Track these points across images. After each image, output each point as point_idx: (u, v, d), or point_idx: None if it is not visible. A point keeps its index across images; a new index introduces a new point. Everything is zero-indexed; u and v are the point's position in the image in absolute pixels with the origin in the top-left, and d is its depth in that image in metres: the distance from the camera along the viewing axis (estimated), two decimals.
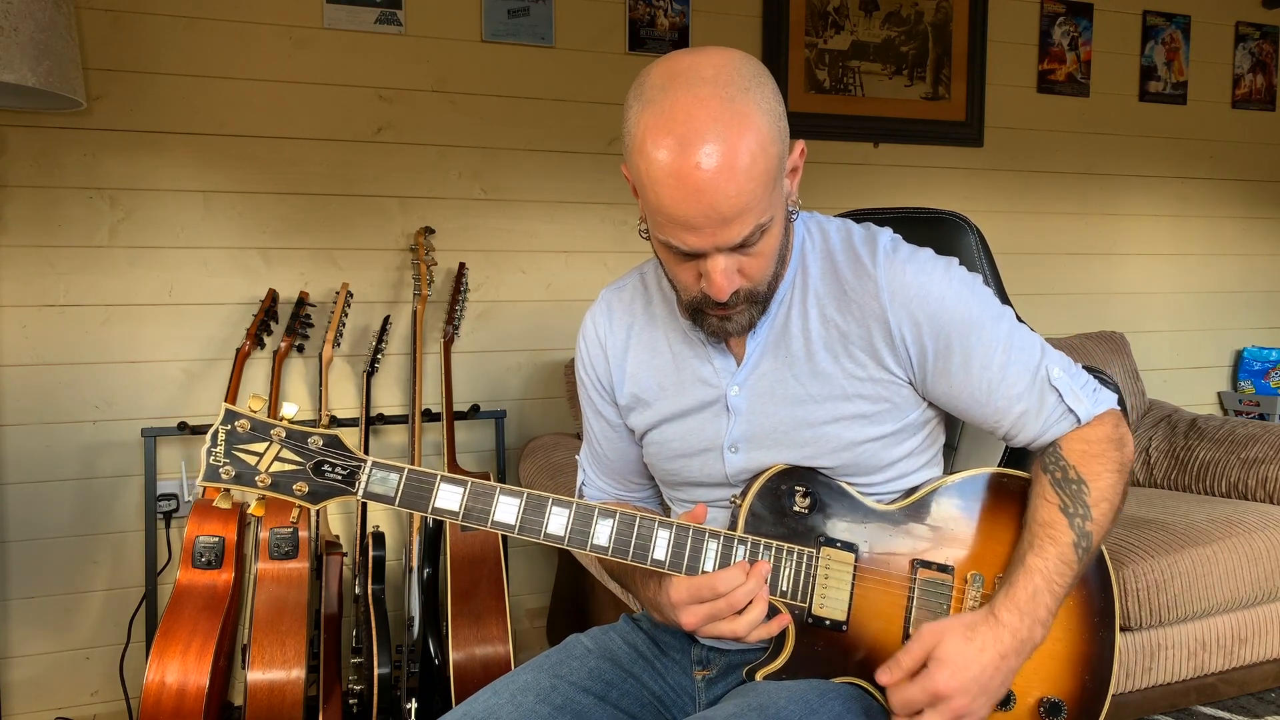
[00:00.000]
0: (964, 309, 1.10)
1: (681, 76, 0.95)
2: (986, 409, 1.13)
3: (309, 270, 2.49)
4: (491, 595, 2.18)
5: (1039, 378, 1.12)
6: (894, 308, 1.09)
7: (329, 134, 2.49)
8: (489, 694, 1.13)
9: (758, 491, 1.12)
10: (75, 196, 2.30)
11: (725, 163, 0.93)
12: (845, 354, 1.12)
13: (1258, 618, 2.35)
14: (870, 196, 3.04)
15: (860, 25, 3.01)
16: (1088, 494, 1.10)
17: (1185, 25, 3.46)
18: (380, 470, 1.05)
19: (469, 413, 2.60)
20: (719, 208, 0.95)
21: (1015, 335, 1.13)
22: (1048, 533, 1.08)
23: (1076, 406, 1.13)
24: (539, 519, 1.07)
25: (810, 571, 1.10)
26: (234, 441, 1.04)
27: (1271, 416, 3.43)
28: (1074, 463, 1.12)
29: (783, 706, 1.02)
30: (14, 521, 2.29)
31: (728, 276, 1.01)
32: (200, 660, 1.93)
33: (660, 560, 1.07)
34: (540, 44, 2.66)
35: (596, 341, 1.27)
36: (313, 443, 1.05)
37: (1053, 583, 1.06)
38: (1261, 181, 3.63)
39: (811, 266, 1.14)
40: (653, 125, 0.95)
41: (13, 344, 2.28)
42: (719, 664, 1.21)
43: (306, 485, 1.05)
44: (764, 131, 0.95)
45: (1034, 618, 1.05)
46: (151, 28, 2.33)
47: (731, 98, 0.94)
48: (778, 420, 1.14)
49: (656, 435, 1.23)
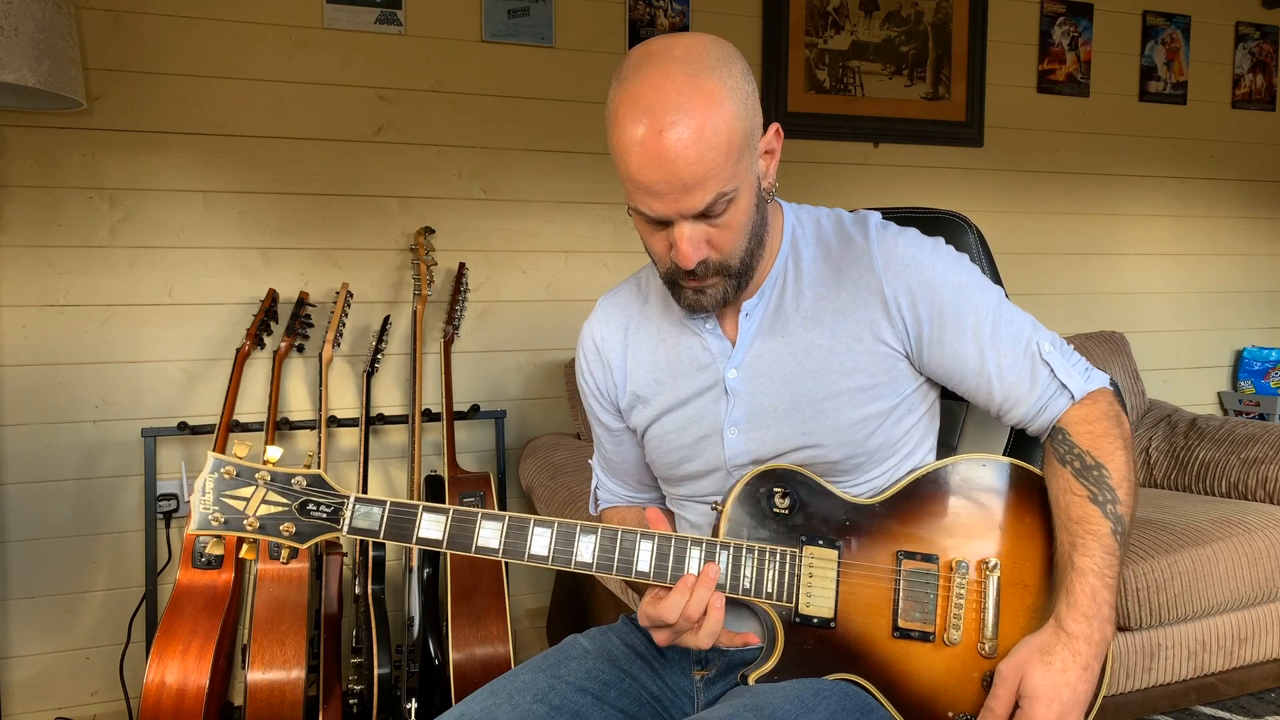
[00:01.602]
0: (955, 278, 1.14)
1: (654, 57, 1.02)
2: (980, 379, 1.15)
3: (309, 270, 2.50)
4: (491, 595, 2.18)
5: (1030, 351, 1.15)
6: (889, 278, 1.13)
7: (329, 134, 2.49)
8: (486, 694, 1.13)
9: (737, 496, 1.13)
10: (75, 196, 2.30)
11: (687, 131, 0.98)
12: (842, 328, 1.14)
13: (1258, 618, 2.35)
14: (870, 196, 3.05)
15: (860, 25, 3.01)
16: (1110, 477, 1.11)
17: (1185, 25, 3.46)
18: (363, 505, 1.09)
19: (469, 413, 2.60)
20: (680, 174, 1.00)
21: (1004, 308, 1.16)
22: (1086, 528, 1.09)
23: (1069, 381, 1.14)
24: (522, 542, 1.08)
25: (794, 571, 1.11)
26: (221, 488, 1.09)
27: (1271, 416, 3.43)
28: (1087, 448, 1.13)
29: (779, 706, 1.03)
30: (14, 521, 2.29)
31: (693, 245, 1.05)
32: (200, 660, 1.93)
33: (645, 572, 1.09)
34: (540, 44, 2.66)
35: (594, 349, 1.29)
36: (296, 483, 1.09)
37: (1105, 577, 1.08)
38: (1261, 181, 3.63)
39: (804, 250, 1.18)
40: (625, 99, 1.01)
41: (13, 344, 2.28)
42: (718, 664, 1.22)
43: (293, 525, 1.09)
44: (727, 106, 1.01)
45: (1100, 618, 1.06)
46: (151, 28, 2.33)
47: (698, 73, 1.00)
48: (778, 398, 1.15)
49: (656, 429, 1.24)
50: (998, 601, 1.13)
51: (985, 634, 1.12)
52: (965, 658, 1.13)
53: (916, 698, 1.12)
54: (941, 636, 1.12)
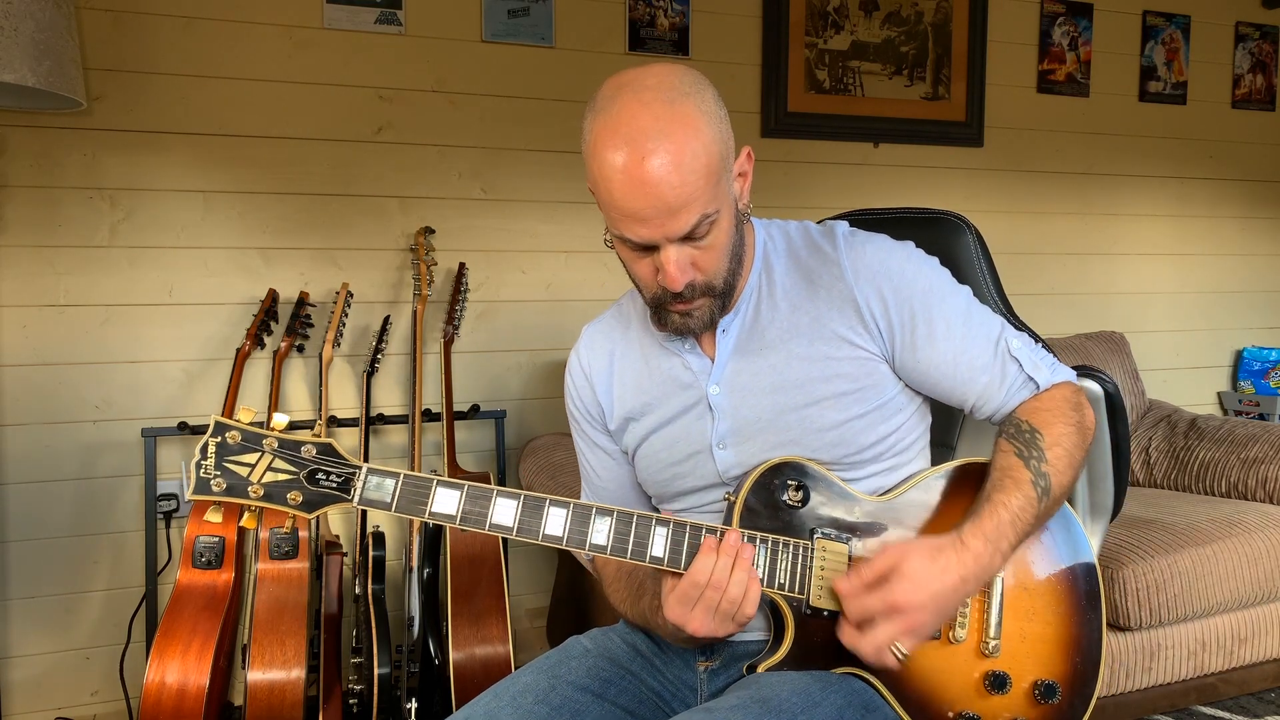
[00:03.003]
0: (924, 281, 1.17)
1: (627, 86, 1.05)
2: (954, 380, 1.18)
3: (309, 270, 2.50)
4: (491, 595, 2.18)
5: (1000, 349, 1.18)
6: (860, 285, 1.16)
7: (329, 134, 2.49)
8: (490, 697, 1.14)
9: (751, 486, 1.13)
10: (75, 196, 2.30)
11: (669, 157, 1.01)
12: (819, 337, 1.16)
13: (1258, 618, 2.35)
14: (870, 197, 3.04)
15: (860, 25, 3.01)
16: (1041, 440, 1.14)
17: (1185, 25, 3.46)
18: (376, 476, 1.06)
19: (469, 413, 2.60)
20: (665, 198, 1.02)
21: (974, 308, 1.20)
22: (1009, 475, 1.12)
23: (1036, 374, 1.19)
24: (537, 520, 1.07)
25: (806, 563, 1.12)
26: (224, 453, 1.04)
27: (1271, 416, 3.43)
28: (1026, 418, 1.17)
29: (785, 699, 1.03)
30: (14, 521, 2.29)
31: (680, 267, 1.07)
32: (200, 660, 1.93)
33: (659, 557, 1.08)
34: (540, 44, 2.66)
35: (582, 374, 1.31)
36: (306, 451, 1.06)
37: (1017, 518, 1.10)
38: (1261, 181, 3.63)
39: (775, 264, 1.21)
40: (603, 130, 1.04)
41: (13, 344, 2.28)
42: (722, 654, 1.22)
43: (300, 494, 1.05)
44: (704, 131, 1.03)
45: (996, 547, 1.08)
46: (151, 28, 2.33)
47: (673, 100, 1.03)
48: (760, 410, 1.17)
49: (646, 448, 1.25)
50: (1002, 602, 1.14)
51: (989, 634, 1.13)
52: (968, 656, 1.14)
53: (919, 694, 1.12)
54: (948, 634, 1.13)
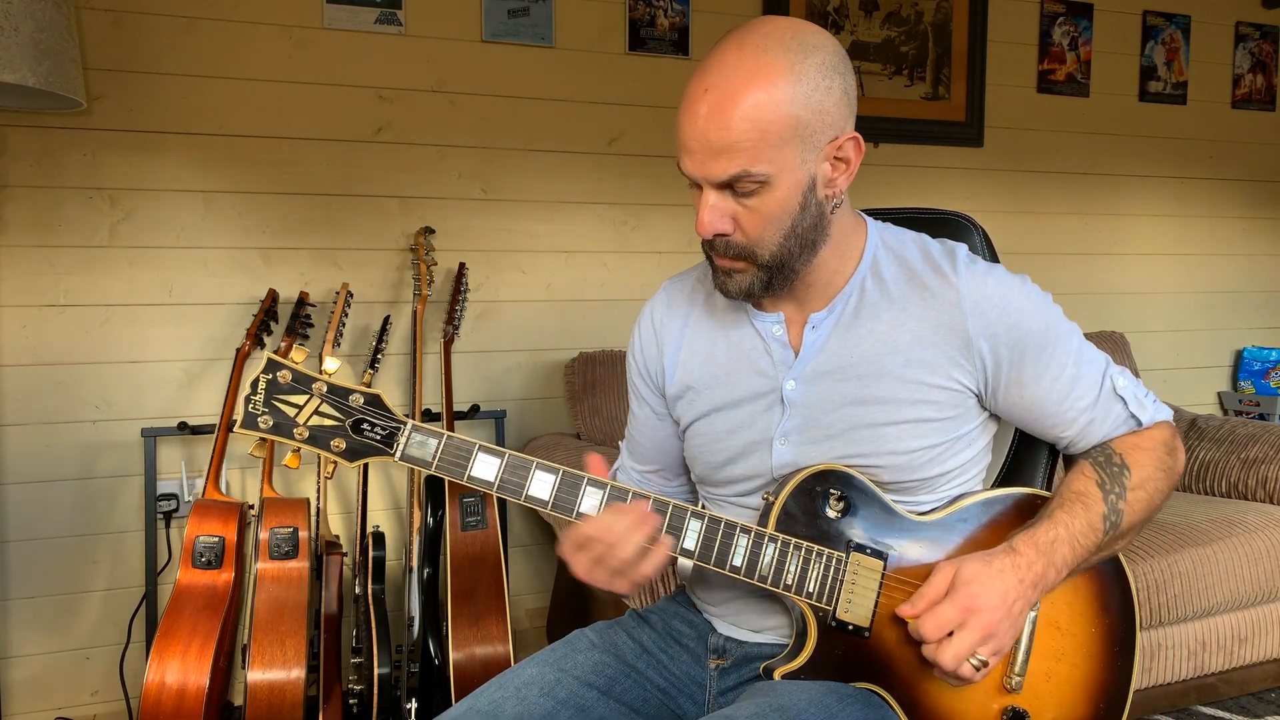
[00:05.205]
0: (1041, 321, 1.13)
1: (743, 29, 1.04)
2: (1055, 418, 1.15)
3: (309, 270, 2.49)
4: (491, 595, 2.17)
5: (1105, 388, 1.15)
6: (974, 318, 1.10)
7: (329, 134, 2.49)
8: (494, 688, 1.13)
9: (792, 491, 1.11)
10: (75, 196, 2.30)
11: (726, 97, 0.99)
12: (917, 359, 1.11)
13: (1258, 618, 2.35)
14: (870, 196, 3.04)
15: (860, 25, 3.01)
16: (1128, 477, 1.11)
17: (1185, 25, 3.46)
18: (420, 434, 1.06)
19: (469, 413, 2.60)
20: (708, 135, 1.01)
21: (1084, 349, 1.16)
22: (1080, 500, 1.09)
23: (1140, 413, 1.16)
24: (573, 498, 1.08)
25: (838, 576, 1.09)
26: (274, 391, 1.04)
27: (1271, 416, 3.43)
28: (1119, 450, 1.14)
29: (803, 709, 1.02)
30: (14, 521, 2.29)
31: (713, 214, 1.05)
32: (200, 660, 1.93)
33: (690, 550, 1.08)
34: (540, 44, 2.66)
35: (651, 330, 1.28)
36: (354, 400, 1.06)
37: (1075, 540, 1.07)
38: (1261, 181, 3.63)
39: (885, 271, 1.15)
40: (701, 63, 1.04)
41: (13, 344, 2.28)
42: (735, 654, 1.21)
43: (344, 442, 1.05)
44: (781, 88, 0.99)
45: (1049, 560, 1.05)
46: (151, 28, 2.33)
47: (766, 49, 1.00)
48: (835, 417, 1.13)
49: (704, 425, 1.22)
50: (1031, 638, 1.11)
51: (1014, 669, 1.10)
52: (988, 688, 1.11)
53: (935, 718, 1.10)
54: None
